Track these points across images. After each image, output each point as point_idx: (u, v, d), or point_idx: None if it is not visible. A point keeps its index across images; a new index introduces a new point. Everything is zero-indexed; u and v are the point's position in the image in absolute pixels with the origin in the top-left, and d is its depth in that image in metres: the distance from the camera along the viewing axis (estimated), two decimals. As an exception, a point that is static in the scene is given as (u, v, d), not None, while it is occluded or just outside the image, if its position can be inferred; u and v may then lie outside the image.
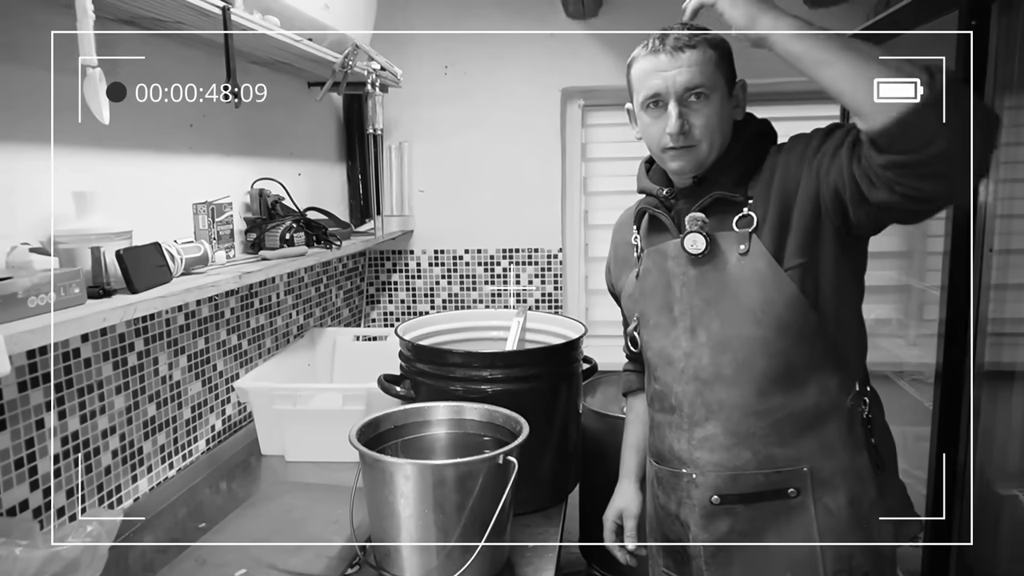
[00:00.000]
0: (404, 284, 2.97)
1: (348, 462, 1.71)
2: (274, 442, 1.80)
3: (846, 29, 2.43)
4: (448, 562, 1.15)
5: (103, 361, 1.42)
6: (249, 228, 1.86)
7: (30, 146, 1.23)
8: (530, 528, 1.43)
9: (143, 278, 1.26)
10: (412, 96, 2.78)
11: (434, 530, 1.14)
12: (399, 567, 1.17)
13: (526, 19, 2.74)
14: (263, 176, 1.95)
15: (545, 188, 2.82)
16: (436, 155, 2.85)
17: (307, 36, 1.82)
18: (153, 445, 1.59)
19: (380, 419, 1.33)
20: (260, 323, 2.07)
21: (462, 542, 1.15)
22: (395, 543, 1.17)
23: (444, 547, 1.15)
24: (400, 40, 2.78)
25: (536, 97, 2.77)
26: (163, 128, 1.58)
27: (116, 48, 1.42)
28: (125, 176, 1.46)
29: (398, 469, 1.14)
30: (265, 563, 1.26)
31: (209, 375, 1.80)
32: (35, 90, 1.23)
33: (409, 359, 1.54)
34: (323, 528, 1.39)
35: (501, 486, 1.16)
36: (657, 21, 1.23)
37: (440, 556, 1.15)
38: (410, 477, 1.13)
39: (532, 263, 2.88)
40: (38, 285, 1.03)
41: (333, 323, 2.64)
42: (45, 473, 1.28)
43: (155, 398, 1.59)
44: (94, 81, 1.10)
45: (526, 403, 1.39)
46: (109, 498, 1.45)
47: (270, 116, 2.08)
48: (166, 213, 1.58)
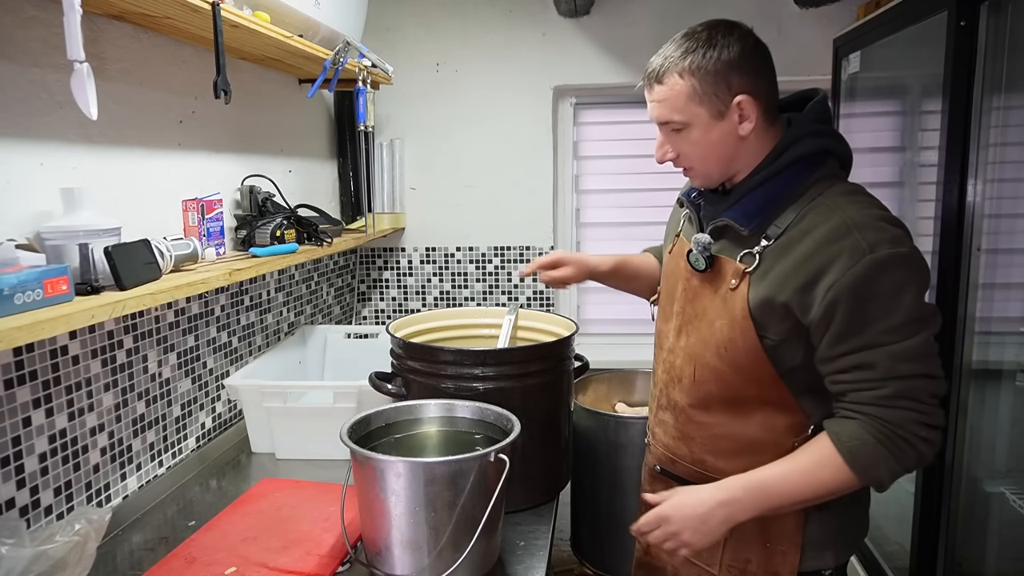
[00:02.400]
0: (395, 281, 2.96)
1: (339, 460, 1.71)
2: (264, 440, 1.79)
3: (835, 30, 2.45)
4: (439, 560, 1.15)
5: (91, 358, 1.41)
6: (239, 225, 1.85)
7: (17, 142, 1.22)
8: (521, 526, 1.43)
9: (132, 275, 1.25)
10: (403, 93, 2.78)
11: (425, 528, 1.14)
12: (390, 565, 1.17)
13: (518, 17, 2.74)
14: (253, 173, 1.95)
15: (537, 186, 2.82)
16: (428, 152, 2.85)
17: (297, 32, 1.82)
18: (142, 443, 1.58)
19: (371, 417, 1.33)
20: (250, 320, 2.06)
21: (453, 540, 1.15)
22: (386, 541, 1.16)
23: (435, 545, 1.15)
24: (391, 37, 2.77)
25: (528, 95, 2.77)
26: (152, 124, 1.57)
27: (105, 44, 1.41)
28: (114, 172, 1.45)
29: (389, 467, 1.14)
30: (255, 561, 1.26)
31: (199, 372, 1.80)
32: (22, 85, 1.22)
33: (400, 356, 1.54)
34: (313, 526, 1.39)
35: (492, 484, 1.16)
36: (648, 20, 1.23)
37: (431, 554, 1.15)
38: (401, 475, 1.13)
39: (524, 260, 2.88)
40: (25, 282, 1.03)
41: (324, 320, 2.63)
42: (32, 471, 1.28)
43: (144, 395, 1.58)
44: (82, 76, 1.09)
45: (517, 401, 1.39)
46: (98, 496, 1.45)
47: (260, 113, 2.07)
48: (155, 210, 1.57)
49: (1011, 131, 1.70)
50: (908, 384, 1.04)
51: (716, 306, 1.18)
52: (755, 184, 1.14)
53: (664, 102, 1.13)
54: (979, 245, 1.72)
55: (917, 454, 1.05)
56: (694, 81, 1.10)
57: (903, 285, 1.03)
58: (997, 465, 1.84)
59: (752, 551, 1.22)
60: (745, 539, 1.21)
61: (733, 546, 1.23)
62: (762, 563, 1.21)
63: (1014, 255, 1.78)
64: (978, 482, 1.84)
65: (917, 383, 1.04)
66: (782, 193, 1.12)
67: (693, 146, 1.15)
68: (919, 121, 2.18)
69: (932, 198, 1.80)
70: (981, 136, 1.69)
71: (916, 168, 2.20)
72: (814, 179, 1.12)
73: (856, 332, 1.04)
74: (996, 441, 1.84)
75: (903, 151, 2.33)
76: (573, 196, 2.92)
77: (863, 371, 1.05)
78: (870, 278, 1.02)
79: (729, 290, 1.15)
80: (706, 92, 1.10)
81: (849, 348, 1.05)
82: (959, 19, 1.66)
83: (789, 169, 1.12)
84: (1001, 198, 1.74)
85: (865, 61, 2.28)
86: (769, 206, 1.13)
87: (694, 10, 2.65)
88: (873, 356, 1.04)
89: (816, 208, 1.09)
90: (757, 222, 1.13)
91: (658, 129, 1.18)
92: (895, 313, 1.02)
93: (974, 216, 1.72)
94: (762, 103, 1.12)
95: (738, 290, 1.13)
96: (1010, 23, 1.62)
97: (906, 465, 1.06)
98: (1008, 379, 1.81)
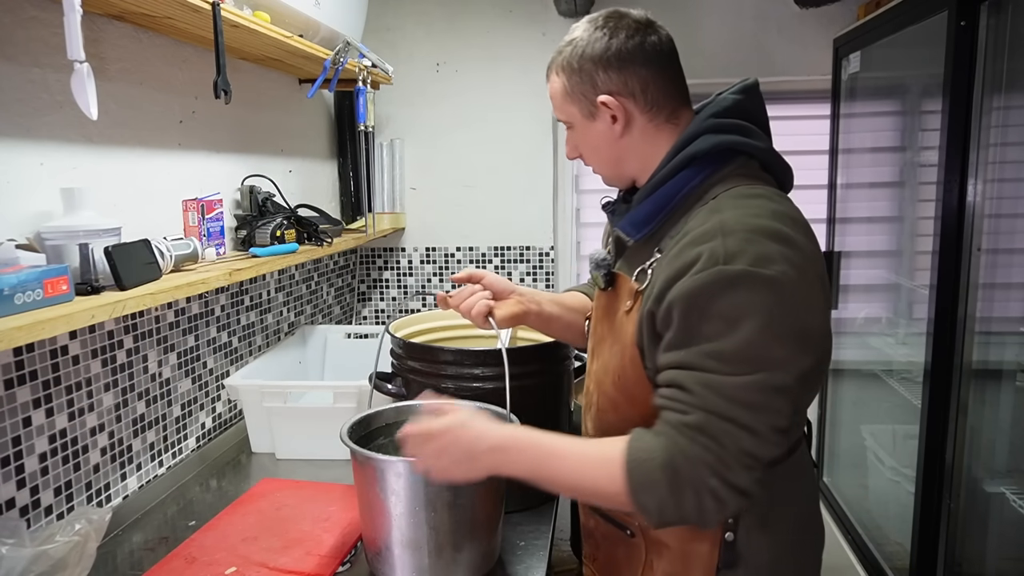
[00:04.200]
0: (396, 281, 2.97)
1: (339, 459, 1.71)
2: (264, 439, 1.79)
3: (835, 30, 2.45)
4: (439, 560, 1.15)
5: (92, 358, 1.41)
6: (239, 225, 1.85)
7: (17, 142, 1.22)
8: (521, 526, 1.43)
9: (132, 275, 1.25)
10: (403, 93, 2.78)
11: (425, 528, 1.14)
12: (390, 565, 1.17)
13: (518, 17, 2.74)
14: (254, 173, 1.95)
15: (537, 185, 2.82)
16: (428, 152, 2.85)
17: (297, 32, 1.82)
18: (143, 443, 1.58)
19: (371, 416, 1.33)
20: (251, 320, 2.06)
21: (453, 540, 1.15)
22: (386, 541, 1.16)
23: (435, 545, 1.15)
24: (391, 37, 2.78)
25: (528, 95, 2.77)
26: (152, 124, 1.57)
27: (105, 44, 1.41)
28: (114, 172, 1.45)
29: (389, 467, 1.14)
30: (255, 561, 1.26)
31: (199, 372, 1.80)
32: (22, 85, 1.22)
33: (400, 357, 1.54)
34: (313, 526, 1.39)
35: (493, 483, 1.16)
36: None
37: (432, 554, 1.15)
38: (401, 474, 1.13)
39: (524, 260, 2.88)
40: (25, 282, 1.03)
41: (324, 320, 2.63)
42: (32, 471, 1.28)
43: (144, 395, 1.58)
44: (82, 76, 1.09)
45: (517, 400, 1.39)
46: (98, 496, 1.45)
47: (261, 113, 2.07)
48: (156, 210, 1.57)
49: (1011, 131, 1.70)
50: (716, 424, 0.86)
51: (613, 328, 1.07)
52: (648, 190, 1.02)
53: (552, 99, 1.09)
54: (979, 245, 1.72)
55: (698, 505, 0.87)
56: (563, 78, 1.04)
57: (747, 313, 0.85)
58: (997, 465, 1.84)
59: None
60: None
61: None
62: None
63: (1014, 255, 1.78)
64: (978, 482, 1.84)
65: (727, 427, 0.86)
66: (674, 198, 0.99)
67: (581, 146, 1.10)
68: (919, 121, 2.19)
69: (932, 198, 1.80)
70: (981, 136, 1.69)
71: (916, 168, 2.20)
72: (714, 180, 0.98)
73: (682, 345, 0.90)
74: (996, 441, 1.84)
75: (903, 151, 2.33)
76: (573, 196, 2.91)
77: (678, 391, 0.90)
78: (711, 293, 0.86)
79: (624, 312, 1.03)
80: (575, 90, 1.03)
81: (671, 362, 0.91)
82: (959, 19, 1.66)
83: (684, 171, 0.99)
84: (1001, 198, 1.74)
85: (865, 61, 2.28)
86: (658, 213, 1.00)
87: (693, 10, 2.65)
88: (690, 378, 0.88)
89: (704, 210, 0.95)
90: (646, 231, 1.01)
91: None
92: (726, 340, 0.86)
93: (974, 216, 1.72)
94: (640, 102, 1.01)
95: (631, 313, 1.00)
96: (1010, 23, 1.62)
97: (682, 511, 0.88)
98: (1008, 379, 1.81)
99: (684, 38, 1.12)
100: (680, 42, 1.07)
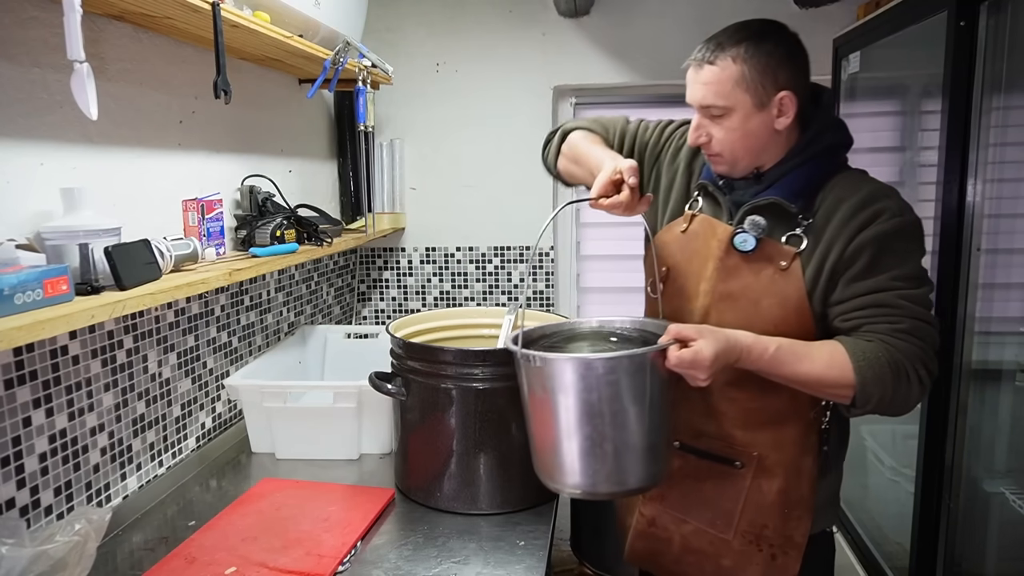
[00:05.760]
0: (395, 281, 2.97)
1: (339, 459, 1.71)
2: (264, 439, 1.79)
3: (835, 30, 2.45)
4: (617, 463, 1.13)
5: (91, 358, 1.41)
6: (239, 225, 1.85)
7: (17, 142, 1.22)
8: (521, 526, 1.43)
9: (132, 275, 1.25)
10: (403, 93, 2.78)
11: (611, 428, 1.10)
12: (564, 473, 1.14)
13: (518, 17, 2.74)
14: (253, 173, 1.95)
15: (537, 186, 2.81)
16: (428, 152, 2.85)
17: (297, 32, 1.82)
18: (142, 443, 1.58)
19: (529, 331, 1.30)
20: (250, 320, 2.06)
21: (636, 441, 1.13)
22: (559, 450, 1.13)
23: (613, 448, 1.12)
24: (391, 37, 2.77)
25: (528, 95, 2.77)
26: (152, 124, 1.57)
27: (105, 44, 1.41)
28: (114, 172, 1.45)
29: (564, 365, 1.09)
30: (255, 561, 1.26)
31: (199, 372, 1.80)
32: (22, 85, 1.22)
33: (400, 356, 1.54)
34: (313, 526, 1.39)
35: (668, 381, 1.14)
36: (648, 20, 1.23)
37: (609, 460, 1.13)
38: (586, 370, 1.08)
39: (524, 261, 2.88)
40: (25, 282, 1.03)
41: (324, 320, 2.63)
42: (32, 471, 1.28)
43: (144, 395, 1.58)
44: (82, 76, 1.09)
45: (517, 400, 1.39)
46: (98, 496, 1.45)
47: (260, 113, 2.07)
48: (155, 210, 1.57)
49: (1011, 131, 1.70)
50: (919, 325, 1.15)
51: (762, 286, 1.22)
52: (791, 168, 1.22)
53: (710, 84, 1.17)
54: (979, 245, 1.72)
55: (910, 391, 1.14)
56: (745, 68, 1.15)
57: (914, 248, 1.18)
58: (997, 465, 1.84)
59: (769, 518, 1.27)
60: (764, 507, 1.27)
61: (750, 514, 1.28)
62: (778, 528, 1.28)
63: (1014, 255, 1.78)
64: (978, 482, 1.84)
65: (925, 327, 1.15)
66: (815, 177, 1.21)
67: (728, 133, 1.19)
68: (919, 121, 2.18)
69: (932, 198, 1.80)
70: (981, 136, 1.69)
71: (916, 168, 2.20)
72: (833, 168, 1.23)
73: (871, 275, 1.16)
74: (996, 441, 1.84)
75: (903, 151, 2.33)
76: (573, 196, 2.91)
77: (879, 308, 1.15)
78: (896, 235, 1.15)
79: (779, 271, 1.21)
80: (754, 80, 1.15)
81: (864, 289, 1.16)
82: (959, 19, 1.66)
83: (819, 158, 1.22)
84: (1001, 198, 1.74)
85: (865, 61, 2.28)
86: (808, 188, 1.21)
87: (694, 10, 2.65)
88: (889, 297, 1.15)
89: (840, 184, 1.21)
90: (801, 202, 1.20)
91: (696, 113, 1.23)
92: (906, 267, 1.16)
93: (974, 216, 1.72)
94: (799, 102, 1.18)
95: (790, 271, 1.20)
96: (1010, 23, 1.62)
97: (897, 397, 1.15)
98: (1008, 379, 1.81)
99: (684, 38, 1.12)
100: (680, 42, 1.07)
